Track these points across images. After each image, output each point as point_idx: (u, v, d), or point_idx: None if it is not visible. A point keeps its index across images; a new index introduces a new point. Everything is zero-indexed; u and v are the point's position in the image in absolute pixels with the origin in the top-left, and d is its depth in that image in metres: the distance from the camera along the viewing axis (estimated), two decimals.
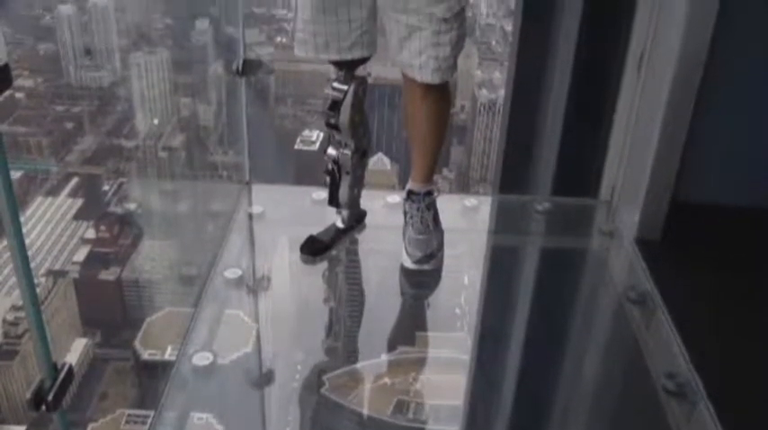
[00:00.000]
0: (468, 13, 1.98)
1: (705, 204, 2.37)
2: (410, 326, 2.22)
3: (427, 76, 1.94)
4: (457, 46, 1.92)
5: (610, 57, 2.52)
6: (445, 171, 8.08)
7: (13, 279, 1.20)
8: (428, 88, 1.99)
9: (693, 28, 2.09)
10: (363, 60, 2.03)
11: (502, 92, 3.64)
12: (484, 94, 8.08)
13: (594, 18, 2.51)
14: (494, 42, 7.94)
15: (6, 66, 0.91)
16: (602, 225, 2.53)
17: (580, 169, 2.72)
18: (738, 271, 2.19)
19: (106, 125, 6.61)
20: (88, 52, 6.06)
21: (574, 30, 2.54)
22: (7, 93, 0.94)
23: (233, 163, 2.82)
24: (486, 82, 8.09)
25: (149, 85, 6.28)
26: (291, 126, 8.13)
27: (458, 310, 2.23)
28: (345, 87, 2.03)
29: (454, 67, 1.96)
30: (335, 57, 2.00)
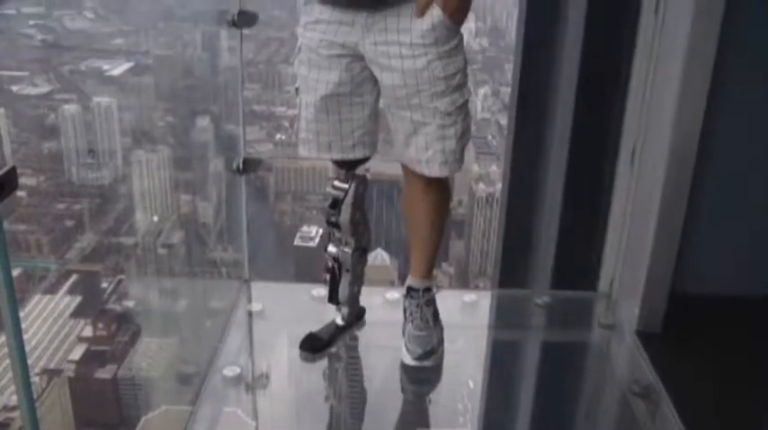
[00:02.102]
0: (471, 98, 2.01)
1: (705, 295, 2.37)
2: (412, 423, 2.19)
3: (435, 170, 1.96)
4: (463, 138, 1.95)
5: (603, 151, 2.56)
6: (444, 265, 8.07)
7: (4, 380, 1.19)
8: (429, 183, 2.01)
9: (683, 122, 2.14)
10: (365, 160, 2.06)
11: (499, 186, 3.67)
12: (481, 189, 8.15)
13: (587, 112, 2.56)
14: (489, 137, 8.05)
15: (13, 169, 0.92)
16: (603, 318, 2.52)
17: (578, 262, 2.73)
18: (741, 361, 2.18)
19: (106, 222, 6.62)
20: (91, 151, 6.13)
21: (568, 124, 2.59)
22: None
23: (232, 260, 2.83)
24: (484, 176, 8.17)
25: (150, 183, 6.34)
26: (291, 222, 8.16)
27: (460, 406, 2.21)
28: (346, 186, 2.06)
29: (461, 159, 1.98)
30: (338, 156, 2.03)
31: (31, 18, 5.68)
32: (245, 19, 2.39)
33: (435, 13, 1.81)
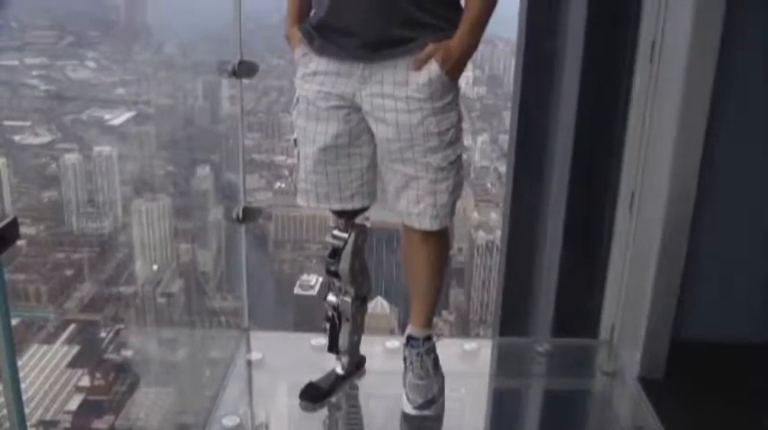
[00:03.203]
0: (464, 156, 2.02)
1: (706, 341, 2.36)
2: None
3: (425, 223, 1.96)
4: (454, 192, 1.96)
5: (602, 197, 2.57)
6: (445, 313, 8.04)
7: None
8: (428, 234, 2.01)
9: (680, 168, 2.15)
10: (363, 209, 2.07)
11: (499, 233, 3.68)
12: (481, 236, 8.16)
13: (585, 160, 2.57)
14: (489, 184, 8.09)
15: (15, 220, 0.92)
16: (604, 365, 2.50)
17: (579, 309, 2.72)
18: (744, 407, 2.16)
19: (106, 272, 6.61)
20: (91, 200, 6.14)
21: (566, 171, 2.60)
22: None
23: (232, 308, 2.82)
24: (483, 223, 8.18)
25: (150, 232, 6.34)
26: (290, 270, 8.15)
27: None
28: (345, 235, 2.06)
29: (452, 212, 1.98)
30: (337, 207, 2.04)
31: (34, 69, 5.75)
32: (245, 69, 2.42)
33: (433, 68, 1.82)
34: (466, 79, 1.94)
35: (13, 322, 1.21)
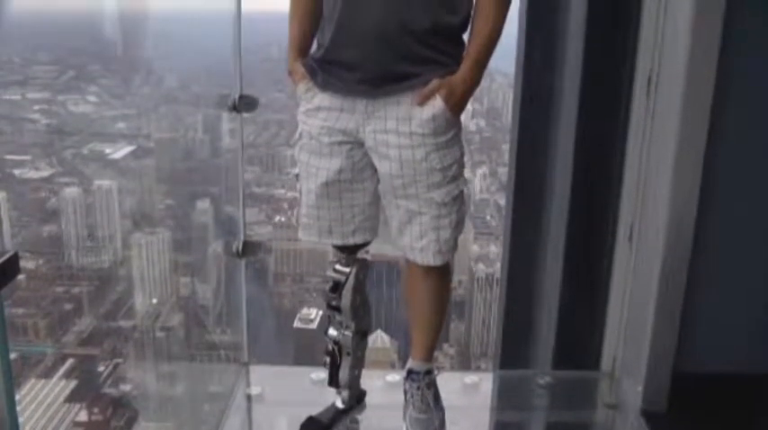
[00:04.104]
0: (466, 188, 2.02)
1: (708, 373, 2.35)
2: None
3: (429, 259, 1.96)
4: (457, 228, 1.96)
5: (601, 229, 2.58)
6: (445, 346, 8.00)
7: None
8: (428, 269, 2.00)
9: (678, 200, 2.16)
10: (365, 244, 2.07)
11: (499, 266, 3.68)
12: (481, 269, 8.15)
13: (584, 192, 2.58)
14: (488, 217, 8.10)
15: (16, 255, 0.92)
16: (606, 397, 2.49)
17: (580, 341, 2.71)
18: None
19: (105, 305, 6.59)
20: (91, 234, 6.14)
21: (565, 203, 2.61)
22: None
23: (231, 342, 2.81)
24: (483, 256, 8.18)
25: (149, 265, 6.33)
26: (290, 304, 8.13)
27: None
28: (347, 270, 2.06)
29: (455, 247, 1.99)
30: (338, 241, 2.04)
31: (36, 103, 5.78)
32: (245, 103, 2.44)
33: (437, 103, 1.83)
34: (465, 111, 1.95)
35: (11, 357, 1.21)
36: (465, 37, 1.87)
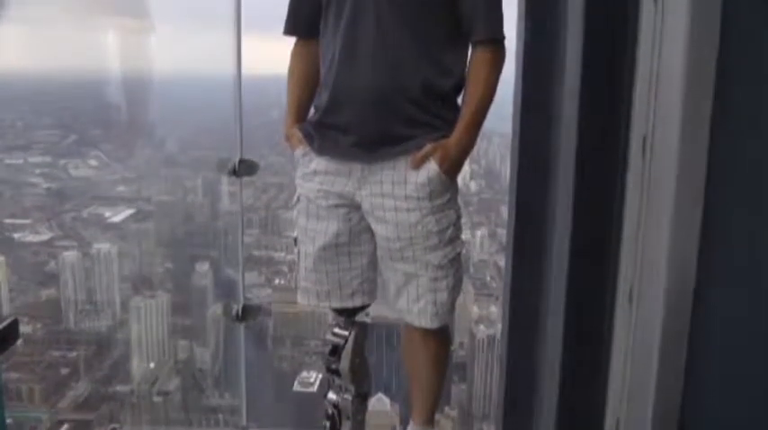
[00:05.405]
0: (463, 251, 2.02)
1: None
2: None
3: (426, 321, 1.95)
4: (454, 290, 1.96)
5: (601, 291, 2.57)
6: (447, 409, 7.90)
7: None
8: (427, 332, 2.00)
9: (677, 261, 2.16)
10: (364, 307, 2.06)
11: (499, 327, 3.66)
12: (482, 330, 8.09)
13: (583, 253, 2.58)
14: (488, 278, 8.08)
15: (15, 321, 0.92)
16: None
17: (582, 404, 2.68)
18: None
19: (102, 370, 6.53)
20: (89, 298, 6.14)
21: (564, 264, 2.61)
22: None
23: (230, 406, 2.79)
24: (484, 317, 8.13)
25: (147, 329, 6.31)
26: (290, 367, 8.05)
27: None
28: (346, 333, 2.05)
29: (452, 309, 1.98)
30: (337, 305, 2.03)
31: (37, 167, 5.84)
32: (245, 168, 2.45)
33: (431, 167, 1.84)
34: (463, 173, 1.96)
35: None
36: (460, 100, 1.89)
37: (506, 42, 1.93)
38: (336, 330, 2.06)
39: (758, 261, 2.36)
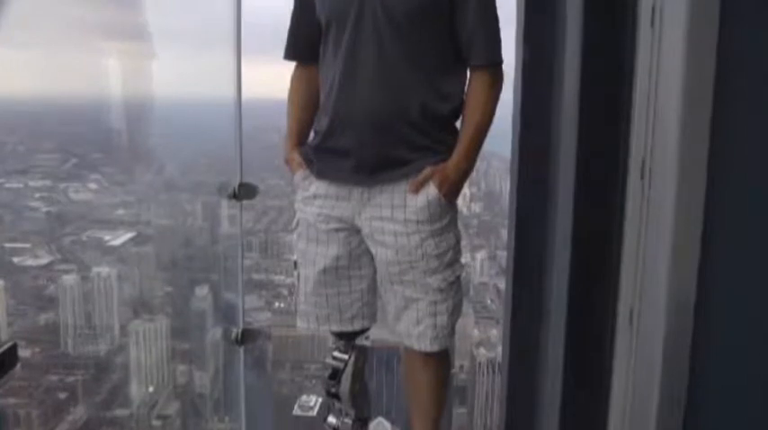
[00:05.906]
0: (463, 274, 2.02)
1: None
2: None
3: (426, 345, 1.94)
4: (454, 313, 1.95)
5: (601, 314, 2.56)
6: None
7: None
8: (427, 355, 1.98)
9: (677, 282, 2.15)
10: (364, 331, 2.05)
11: (500, 350, 3.66)
12: (482, 353, 8.07)
13: (583, 275, 2.57)
14: (489, 301, 8.07)
15: (14, 346, 0.92)
16: None
17: (584, 426, 2.66)
18: None
19: (100, 394, 6.50)
20: (88, 322, 6.12)
21: (564, 287, 2.60)
22: None
23: None
24: (484, 340, 8.12)
25: (146, 353, 6.28)
26: (289, 391, 8.02)
27: None
28: (346, 357, 2.04)
29: (452, 333, 1.97)
30: (337, 328, 2.02)
31: (37, 191, 5.84)
32: (245, 191, 2.45)
33: (431, 191, 1.85)
34: (463, 196, 1.96)
35: None
36: (458, 125, 1.89)
37: (504, 66, 1.94)
38: (336, 354, 2.05)
39: (758, 280, 2.35)
